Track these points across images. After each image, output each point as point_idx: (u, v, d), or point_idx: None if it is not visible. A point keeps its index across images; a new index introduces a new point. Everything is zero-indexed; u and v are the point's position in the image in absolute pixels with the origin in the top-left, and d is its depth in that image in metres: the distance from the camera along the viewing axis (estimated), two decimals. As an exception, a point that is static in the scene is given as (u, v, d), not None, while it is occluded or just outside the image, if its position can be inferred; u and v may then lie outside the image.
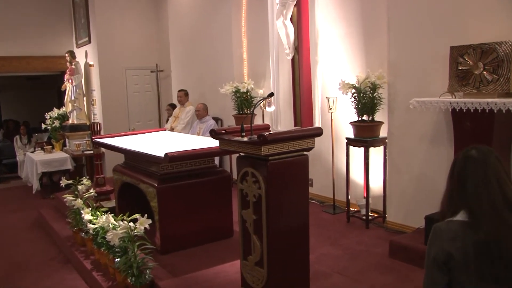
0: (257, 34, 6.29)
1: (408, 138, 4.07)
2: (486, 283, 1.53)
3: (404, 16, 4.02)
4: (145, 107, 8.74)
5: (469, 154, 1.64)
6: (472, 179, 1.60)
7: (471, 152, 1.65)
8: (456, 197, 1.63)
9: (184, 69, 7.95)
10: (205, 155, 3.82)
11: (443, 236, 1.60)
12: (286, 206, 2.79)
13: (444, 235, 1.60)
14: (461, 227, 1.58)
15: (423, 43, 3.86)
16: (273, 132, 2.84)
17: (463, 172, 1.62)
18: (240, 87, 6.04)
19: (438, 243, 1.61)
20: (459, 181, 1.63)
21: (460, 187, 1.62)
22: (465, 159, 1.63)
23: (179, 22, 7.92)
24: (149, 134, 5.14)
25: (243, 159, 2.90)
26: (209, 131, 3.32)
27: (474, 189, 1.59)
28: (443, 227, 1.62)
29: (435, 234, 1.64)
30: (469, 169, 1.62)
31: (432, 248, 1.62)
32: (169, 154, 3.47)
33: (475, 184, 1.59)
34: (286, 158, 2.77)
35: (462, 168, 1.63)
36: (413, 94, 3.78)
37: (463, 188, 1.61)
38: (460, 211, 1.61)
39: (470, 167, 1.62)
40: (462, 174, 1.62)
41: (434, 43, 3.75)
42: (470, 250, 1.54)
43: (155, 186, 3.70)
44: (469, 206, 1.59)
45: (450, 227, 1.60)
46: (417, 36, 3.90)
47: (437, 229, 1.64)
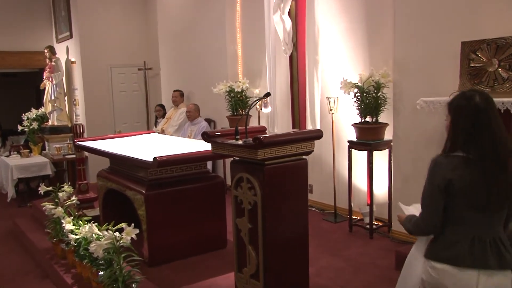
0: (252, 29, 6.32)
1: (415, 141, 4.09)
2: (474, 211, 1.92)
3: (411, 9, 4.05)
4: (132, 108, 8.73)
5: (476, 101, 1.94)
6: (483, 126, 1.92)
7: (476, 99, 1.95)
8: (460, 139, 1.95)
9: (174, 67, 7.97)
10: (197, 159, 3.83)
11: (445, 167, 1.96)
12: (283, 214, 2.80)
13: (445, 166, 1.96)
14: (461, 160, 1.94)
15: (431, 38, 3.88)
16: (270, 134, 2.85)
17: (471, 117, 1.93)
18: (234, 87, 6.05)
19: (441, 172, 1.96)
20: (466, 123, 1.94)
21: (469, 130, 1.93)
22: (473, 106, 1.94)
23: (169, 16, 7.94)
24: (137, 137, 5.14)
25: (238, 164, 2.91)
26: (201, 133, 3.33)
27: (484, 133, 1.91)
28: (443, 160, 1.99)
29: (437, 165, 1.99)
30: (479, 117, 1.92)
31: (435, 177, 1.98)
32: (158, 158, 3.48)
33: (483, 129, 1.91)
34: (284, 163, 2.78)
35: (469, 114, 1.94)
36: (421, 93, 3.81)
37: (468, 132, 1.93)
38: (459, 149, 1.96)
39: (481, 115, 1.92)
40: (468, 120, 1.94)
41: (444, 38, 3.78)
42: (467, 180, 1.90)
43: (143, 192, 3.70)
44: (472, 147, 1.92)
45: (450, 160, 1.97)
46: (425, 31, 3.93)
47: (438, 161, 2.00)
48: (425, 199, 2.05)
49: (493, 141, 1.91)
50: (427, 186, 2.03)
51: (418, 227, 2.09)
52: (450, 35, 3.71)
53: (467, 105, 1.97)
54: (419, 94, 3.77)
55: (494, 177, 1.88)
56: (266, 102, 5.47)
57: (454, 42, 3.58)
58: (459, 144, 1.97)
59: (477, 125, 1.93)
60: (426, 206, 2.04)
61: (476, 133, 1.93)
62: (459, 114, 1.99)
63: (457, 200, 1.94)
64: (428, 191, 2.03)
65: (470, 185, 1.90)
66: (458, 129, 1.98)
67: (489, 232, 1.93)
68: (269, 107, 5.67)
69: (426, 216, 2.04)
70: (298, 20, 5.77)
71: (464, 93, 2.03)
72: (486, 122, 1.93)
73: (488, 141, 1.91)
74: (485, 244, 1.91)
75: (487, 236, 1.92)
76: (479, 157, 1.91)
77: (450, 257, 1.94)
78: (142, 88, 8.74)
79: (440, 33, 3.82)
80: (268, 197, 2.70)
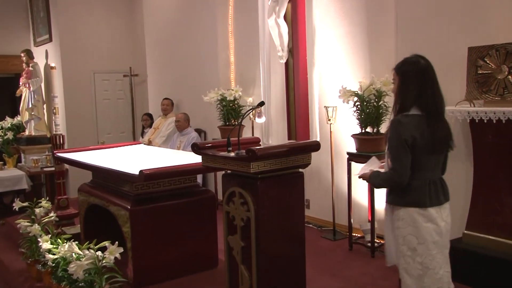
0: (246, 34, 6.36)
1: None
2: (431, 154, 2.55)
3: (414, 13, 4.09)
4: (117, 117, 8.72)
5: (421, 64, 2.52)
6: (428, 85, 2.51)
7: (421, 62, 2.53)
8: (410, 99, 2.51)
9: (162, 74, 7.98)
10: (186, 172, 3.83)
11: (408, 125, 2.48)
12: (279, 231, 2.80)
13: (408, 124, 2.48)
14: (419, 119, 2.50)
15: (436, 44, 3.92)
16: (264, 146, 2.86)
17: (419, 78, 2.50)
18: (226, 95, 6.07)
19: (407, 130, 2.47)
20: (415, 84, 2.50)
21: (417, 89, 2.50)
22: (421, 69, 2.51)
23: (156, 19, 7.98)
24: (122, 148, 5.13)
25: (230, 178, 2.92)
26: (190, 145, 3.34)
27: (428, 91, 2.50)
28: (403, 119, 2.50)
29: (401, 124, 2.49)
30: (425, 77, 2.51)
31: (401, 134, 2.47)
32: (144, 171, 3.48)
33: (428, 87, 2.50)
34: (279, 176, 2.79)
35: (417, 76, 2.50)
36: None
37: (419, 91, 2.50)
38: (413, 107, 2.50)
39: (426, 75, 2.51)
40: (422, 81, 2.50)
41: (450, 44, 3.82)
42: (426, 134, 2.49)
43: (128, 208, 3.69)
44: (423, 105, 2.50)
45: (411, 119, 2.50)
46: (430, 36, 3.97)
47: (401, 121, 2.50)
48: (396, 154, 2.51)
49: (435, 97, 2.52)
50: (395, 143, 2.50)
51: (392, 181, 2.56)
52: (456, 40, 3.74)
53: (414, 68, 2.52)
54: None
55: (437, 126, 2.51)
56: (260, 112, 5.48)
57: (460, 48, 3.61)
58: (409, 103, 2.51)
59: (423, 85, 2.50)
60: (398, 161, 2.51)
61: (423, 92, 2.50)
62: (408, 77, 2.53)
63: (416, 151, 2.50)
64: (397, 147, 2.50)
65: (426, 137, 2.49)
66: (408, 90, 2.52)
67: (436, 174, 2.61)
68: (263, 117, 5.69)
69: (399, 169, 2.51)
70: (294, 24, 5.82)
71: (409, 58, 2.57)
72: (430, 82, 2.52)
73: (431, 98, 2.51)
74: (436, 185, 2.58)
75: (436, 177, 2.60)
76: (427, 113, 2.50)
77: (415, 201, 2.55)
78: (128, 95, 8.75)
79: (445, 38, 3.86)
80: (262, 213, 2.70)
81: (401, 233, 2.59)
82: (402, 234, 2.59)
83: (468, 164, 3.70)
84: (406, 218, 2.57)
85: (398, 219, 2.60)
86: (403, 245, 2.59)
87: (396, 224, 2.62)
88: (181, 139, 6.68)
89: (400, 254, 2.62)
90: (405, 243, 2.58)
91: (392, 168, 2.53)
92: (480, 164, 3.44)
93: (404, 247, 2.59)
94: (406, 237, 2.57)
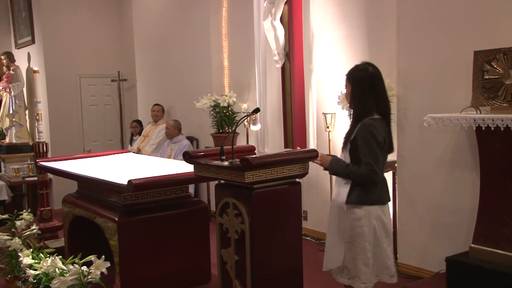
0: (240, 37, 6.38)
1: (423, 162, 4.14)
2: (385, 154, 2.96)
3: (417, 14, 4.11)
4: (104, 124, 8.71)
5: (371, 71, 2.92)
6: (380, 91, 2.91)
7: (370, 69, 2.93)
8: (373, 102, 2.87)
9: (152, 78, 7.99)
10: (177, 182, 3.82)
11: (379, 128, 2.84)
12: (275, 244, 2.80)
13: (379, 127, 2.84)
14: (381, 122, 2.88)
15: (440, 47, 3.94)
16: (259, 155, 2.86)
17: (374, 85, 2.90)
18: (219, 101, 6.08)
19: (380, 133, 2.83)
20: (369, 89, 2.88)
21: (373, 95, 2.88)
22: (371, 75, 2.91)
23: (146, 21, 7.99)
24: (109, 157, 5.12)
25: (223, 188, 2.92)
26: (182, 153, 3.34)
27: (382, 96, 2.92)
28: (375, 123, 2.85)
29: (375, 127, 2.83)
30: (376, 83, 2.90)
31: (378, 136, 2.82)
32: (133, 181, 3.47)
33: (381, 94, 2.92)
34: (275, 186, 2.80)
35: (372, 83, 2.90)
36: (428, 109, 3.85)
37: (375, 96, 2.89)
38: (374, 111, 2.88)
39: (376, 81, 2.91)
40: (373, 87, 2.89)
41: (455, 47, 3.83)
42: (387, 136, 2.91)
43: (115, 220, 3.68)
44: (381, 110, 2.90)
45: (379, 123, 2.87)
46: (434, 39, 3.99)
47: (374, 124, 2.84)
48: (375, 154, 2.81)
49: (385, 101, 2.93)
50: (373, 143, 2.81)
51: (369, 178, 2.82)
52: (462, 44, 3.76)
53: (365, 75, 2.90)
54: (427, 110, 3.81)
55: (390, 128, 2.96)
56: (255, 119, 5.50)
57: (466, 52, 3.61)
58: (371, 108, 2.86)
59: (376, 90, 2.88)
60: (377, 161, 2.81)
61: (378, 97, 2.89)
62: (359, 84, 2.90)
63: (384, 151, 2.89)
64: (375, 147, 2.81)
65: (387, 139, 2.91)
66: (364, 96, 2.87)
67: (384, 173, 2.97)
68: (258, 124, 5.70)
69: (377, 169, 2.80)
70: (291, 27, 5.85)
71: (360, 65, 2.97)
72: (382, 87, 2.93)
73: (383, 102, 2.91)
74: (386, 183, 2.99)
75: (383, 176, 2.96)
76: (384, 116, 2.90)
77: (380, 198, 2.92)
78: (116, 101, 8.74)
79: (450, 41, 3.88)
80: (257, 225, 2.70)
81: (362, 231, 2.85)
82: (364, 232, 2.85)
83: (474, 174, 3.72)
84: (369, 216, 2.86)
85: (359, 218, 2.86)
86: (365, 242, 2.86)
87: (357, 223, 2.86)
88: (172, 147, 6.67)
89: (360, 251, 2.86)
90: (367, 239, 2.86)
91: (370, 167, 2.79)
92: (487, 174, 3.45)
93: (366, 243, 2.86)
94: (369, 234, 2.86)
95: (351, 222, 2.87)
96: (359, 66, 2.97)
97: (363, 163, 2.80)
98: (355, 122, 2.90)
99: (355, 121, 2.90)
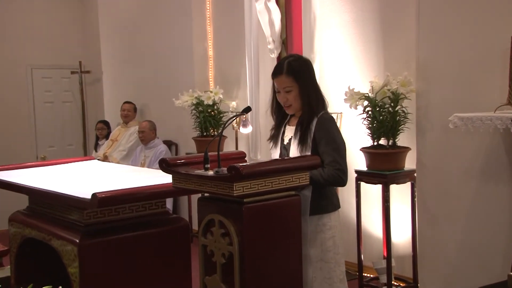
0: (228, 21, 6.39)
1: (447, 171, 4.14)
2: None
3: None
4: (63, 125, 8.68)
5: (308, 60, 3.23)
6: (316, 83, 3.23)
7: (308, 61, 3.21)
8: (321, 98, 3.18)
9: (122, 71, 7.97)
10: (152, 196, 3.80)
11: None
12: (270, 269, 2.79)
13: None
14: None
15: (469, 33, 3.94)
16: (251, 162, 2.86)
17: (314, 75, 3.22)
18: (203, 98, 6.08)
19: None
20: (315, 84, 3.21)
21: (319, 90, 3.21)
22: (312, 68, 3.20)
23: (114, 2, 7.98)
24: (69, 166, 5.10)
25: (208, 202, 2.91)
26: (158, 161, 3.33)
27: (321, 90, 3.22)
28: (332, 117, 3.17)
29: (334, 122, 3.17)
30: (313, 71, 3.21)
31: (339, 131, 3.13)
32: (98, 194, 3.44)
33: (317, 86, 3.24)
34: (270, 200, 2.79)
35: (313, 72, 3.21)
36: (454, 107, 3.85)
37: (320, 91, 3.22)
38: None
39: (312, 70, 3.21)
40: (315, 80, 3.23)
41: (487, 33, 3.83)
42: None
43: (76, 242, 3.64)
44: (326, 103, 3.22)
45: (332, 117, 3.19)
46: (461, 23, 3.98)
47: (333, 118, 3.17)
48: (343, 151, 3.02)
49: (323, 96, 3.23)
50: (340, 140, 3.05)
51: (339, 179, 2.97)
52: (496, 29, 3.75)
53: (310, 68, 3.18)
54: (452, 108, 3.80)
55: None
56: (246, 120, 5.48)
57: (502, 38, 3.61)
58: (324, 102, 3.20)
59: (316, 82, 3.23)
60: (344, 159, 3.01)
61: (319, 90, 3.20)
62: (308, 78, 3.12)
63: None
64: (342, 144, 3.04)
65: None
66: (314, 90, 3.13)
67: None
68: (249, 126, 5.69)
69: (345, 168, 2.99)
70: (289, 9, 5.84)
71: (300, 57, 3.23)
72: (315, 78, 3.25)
73: (323, 96, 3.22)
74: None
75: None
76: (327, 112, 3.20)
77: (338, 202, 3.19)
78: (77, 98, 8.71)
79: (482, 26, 3.86)
80: (248, 248, 2.69)
81: (334, 243, 3.05)
82: (335, 243, 3.06)
83: (511, 186, 3.72)
84: (335, 223, 3.08)
85: (329, 227, 3.05)
86: (337, 254, 3.05)
87: (326, 234, 3.04)
88: (146, 153, 6.66)
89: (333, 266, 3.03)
90: (340, 250, 3.07)
91: (339, 167, 2.97)
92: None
93: (338, 255, 3.07)
94: (339, 244, 3.07)
95: (319, 235, 3.03)
96: (301, 58, 3.25)
97: (327, 162, 2.97)
98: (308, 120, 3.09)
99: (308, 119, 3.09)
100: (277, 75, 3.15)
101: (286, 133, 3.28)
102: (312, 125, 3.06)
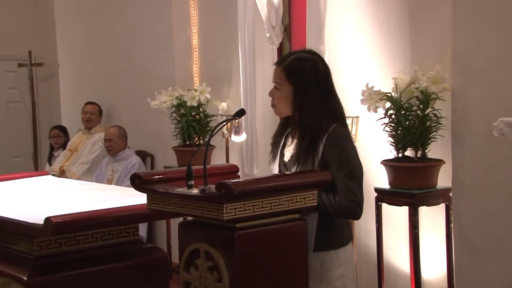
0: (217, 4, 6.41)
1: (491, 189, 4.13)
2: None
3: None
4: (8, 132, 8.68)
5: (324, 65, 3.10)
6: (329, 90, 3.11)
7: (320, 62, 3.09)
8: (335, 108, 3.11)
9: (83, 64, 7.98)
10: (122, 220, 3.80)
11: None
12: (269, 314, 2.79)
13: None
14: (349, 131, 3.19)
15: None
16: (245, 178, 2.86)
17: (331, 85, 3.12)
18: (186, 98, 6.08)
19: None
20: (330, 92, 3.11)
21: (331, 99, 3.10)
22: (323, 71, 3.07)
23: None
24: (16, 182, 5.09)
25: (191, 228, 2.91)
26: (129, 176, 3.32)
27: (332, 99, 3.12)
28: (347, 132, 3.14)
29: (350, 140, 3.15)
30: (325, 80, 3.08)
31: (356, 151, 3.09)
32: (52, 219, 3.44)
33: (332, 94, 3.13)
34: (268, 226, 2.79)
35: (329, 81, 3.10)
36: (499, 110, 3.84)
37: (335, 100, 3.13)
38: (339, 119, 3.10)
39: (326, 78, 3.09)
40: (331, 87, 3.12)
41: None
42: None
43: (24, 280, 3.63)
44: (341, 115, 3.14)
45: (348, 132, 3.16)
46: (509, 8, 3.99)
47: (348, 135, 3.14)
48: (359, 177, 3.01)
49: (341, 105, 3.15)
50: (355, 162, 3.03)
51: (352, 212, 2.97)
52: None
53: (318, 75, 3.05)
54: (496, 112, 3.81)
55: None
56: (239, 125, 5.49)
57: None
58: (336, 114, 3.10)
59: (330, 90, 3.09)
60: (360, 187, 2.99)
61: (332, 100, 3.10)
62: (307, 85, 3.03)
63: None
64: (358, 168, 3.02)
65: None
66: (315, 101, 3.03)
67: None
68: (243, 133, 5.69)
69: (361, 199, 2.98)
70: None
71: (312, 58, 3.11)
72: (332, 86, 3.11)
73: (340, 106, 3.14)
74: None
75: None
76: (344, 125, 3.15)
77: (351, 233, 3.28)
78: (26, 97, 8.72)
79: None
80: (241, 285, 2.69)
81: (344, 283, 3.07)
82: (346, 283, 3.08)
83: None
84: (345, 259, 3.09)
85: (338, 264, 3.05)
86: None
87: (335, 273, 3.05)
88: (114, 167, 6.66)
89: None
90: None
91: (353, 198, 2.94)
92: None
93: None
94: (350, 285, 3.11)
95: (326, 274, 3.04)
96: (303, 57, 3.14)
97: (338, 190, 2.94)
98: (312, 136, 3.03)
99: (312, 136, 3.03)
100: (276, 65, 3.20)
101: (287, 147, 3.27)
102: (319, 144, 3.01)
